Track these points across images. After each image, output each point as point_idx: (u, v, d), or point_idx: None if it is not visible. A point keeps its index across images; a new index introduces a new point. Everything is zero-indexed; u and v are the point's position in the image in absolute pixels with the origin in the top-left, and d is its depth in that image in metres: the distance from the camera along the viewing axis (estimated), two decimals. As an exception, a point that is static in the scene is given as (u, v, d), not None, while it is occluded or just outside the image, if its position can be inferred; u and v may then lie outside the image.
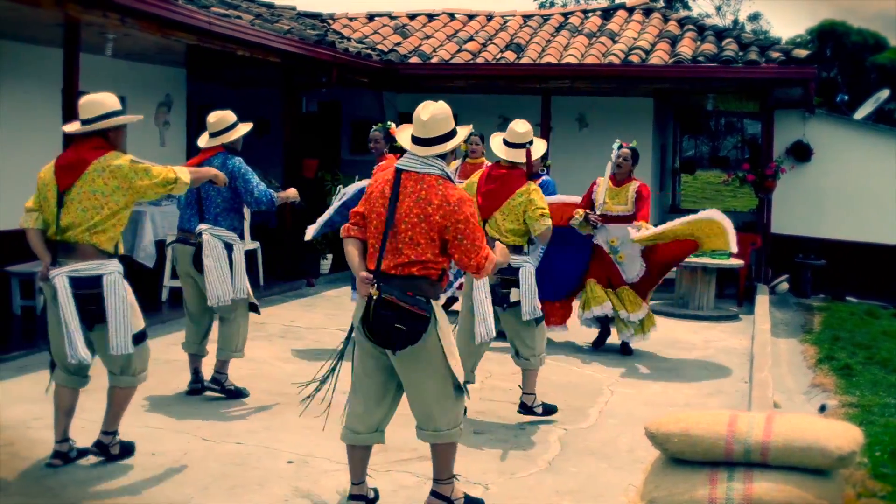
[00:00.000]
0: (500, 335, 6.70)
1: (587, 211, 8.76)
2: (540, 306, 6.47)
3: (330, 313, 10.40)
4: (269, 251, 12.00)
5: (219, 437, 5.90)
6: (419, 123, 4.61)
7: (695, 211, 9.19)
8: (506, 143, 6.50)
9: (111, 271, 5.17)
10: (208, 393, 6.93)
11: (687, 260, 11.44)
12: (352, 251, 4.67)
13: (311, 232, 8.18)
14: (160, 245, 9.80)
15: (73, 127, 5.33)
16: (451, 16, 16.15)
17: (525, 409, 6.58)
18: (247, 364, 7.81)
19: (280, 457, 5.58)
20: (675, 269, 10.29)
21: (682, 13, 18.56)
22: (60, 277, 5.06)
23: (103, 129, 5.24)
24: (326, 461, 5.53)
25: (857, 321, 11.34)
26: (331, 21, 15.84)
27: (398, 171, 4.57)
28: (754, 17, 49.56)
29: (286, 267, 12.19)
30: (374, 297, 4.41)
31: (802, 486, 3.82)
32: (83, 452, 5.42)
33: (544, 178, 9.03)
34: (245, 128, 6.97)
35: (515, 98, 14.54)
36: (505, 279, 6.31)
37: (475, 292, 6.12)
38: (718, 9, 49.74)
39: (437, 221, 4.45)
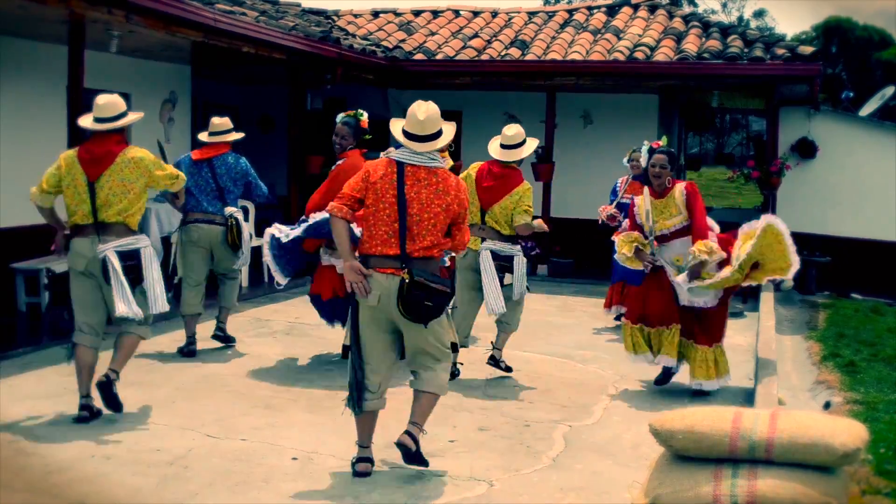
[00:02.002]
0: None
1: (639, 243, 7.30)
2: (527, 288, 7.59)
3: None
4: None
5: (223, 434, 5.91)
6: (416, 122, 5.12)
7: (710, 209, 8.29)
8: (502, 146, 7.37)
9: (146, 245, 6.22)
10: (213, 391, 6.94)
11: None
12: (343, 233, 5.05)
13: (280, 279, 7.91)
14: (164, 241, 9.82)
15: (87, 122, 6.17)
16: (456, 12, 16.13)
17: (494, 361, 7.64)
18: (251, 361, 7.83)
19: (284, 453, 5.59)
20: None
21: (688, 10, 18.57)
22: (111, 252, 6.00)
23: (122, 127, 6.19)
24: (331, 458, 5.53)
25: (861, 318, 11.33)
26: (335, 18, 15.84)
27: (400, 165, 5.06)
28: (759, 14, 49.55)
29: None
30: (407, 279, 4.95)
31: (807, 483, 3.82)
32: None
33: None
34: (238, 135, 8.26)
35: (520, 95, 14.53)
36: (502, 265, 7.31)
37: (484, 275, 7.23)
38: (724, 5, 49.75)
39: (455, 209, 5.13)
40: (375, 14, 16.33)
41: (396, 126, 5.24)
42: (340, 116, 7.68)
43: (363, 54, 12.84)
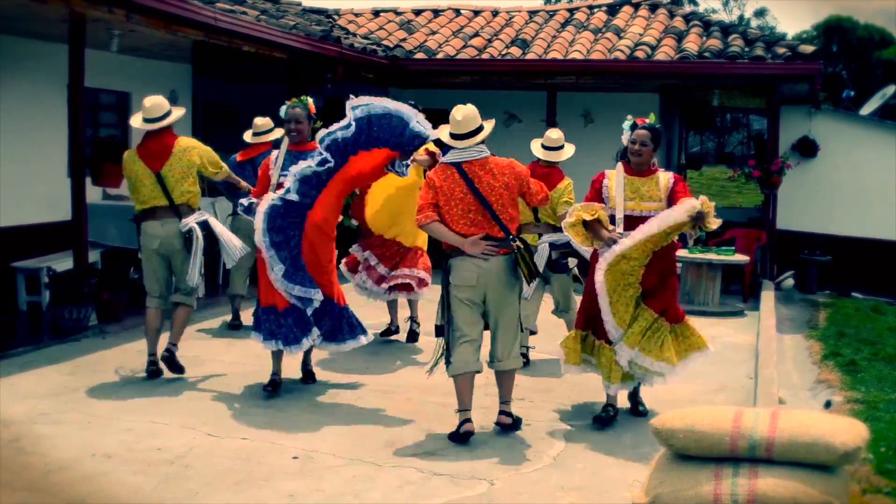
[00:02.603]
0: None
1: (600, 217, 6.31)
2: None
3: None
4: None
5: (224, 433, 5.91)
6: (455, 122, 6.01)
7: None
8: (543, 146, 8.18)
9: (208, 217, 7.39)
10: (214, 389, 6.95)
11: (692, 256, 11.48)
12: (444, 230, 5.93)
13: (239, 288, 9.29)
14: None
15: (137, 122, 7.23)
16: (457, 11, 16.13)
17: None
18: (252, 360, 7.83)
19: (285, 452, 5.59)
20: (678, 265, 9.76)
21: (688, 9, 18.53)
22: (194, 225, 7.18)
23: (169, 124, 7.21)
24: (331, 456, 5.53)
25: (862, 317, 11.33)
26: (336, 17, 15.84)
27: (458, 165, 5.94)
28: (760, 13, 49.48)
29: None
30: (520, 249, 5.94)
31: (807, 482, 3.82)
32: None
33: None
34: (280, 132, 8.60)
35: (521, 94, 14.53)
36: (565, 252, 7.74)
37: (538, 260, 7.55)
38: (725, 4, 49.68)
39: (513, 184, 6.01)
40: (376, 13, 16.33)
41: (444, 132, 6.10)
42: (287, 105, 7.42)
43: (364, 53, 12.84)
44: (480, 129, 6.01)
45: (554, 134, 8.27)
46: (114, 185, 10.39)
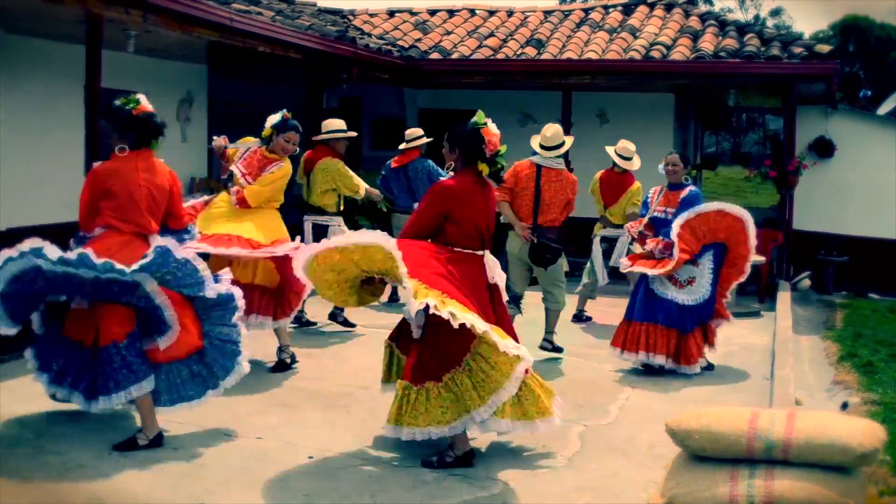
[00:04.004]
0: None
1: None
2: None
3: (349, 308, 10.40)
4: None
5: (239, 433, 5.93)
6: (545, 137, 8.10)
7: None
8: (619, 155, 9.93)
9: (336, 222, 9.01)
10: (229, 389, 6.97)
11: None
12: (510, 211, 8.10)
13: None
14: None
15: (319, 137, 9.21)
16: (472, 11, 16.12)
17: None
18: (267, 360, 7.84)
19: (300, 452, 5.60)
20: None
21: (704, 8, 18.50)
22: (308, 223, 8.94)
23: (326, 140, 9.14)
24: (346, 456, 5.54)
25: (879, 318, 11.27)
26: (351, 17, 15.84)
27: (539, 167, 8.07)
28: (776, 13, 49.40)
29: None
30: (536, 240, 7.98)
31: (824, 484, 3.81)
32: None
33: (690, 188, 8.13)
34: (427, 140, 10.55)
35: (536, 94, 14.51)
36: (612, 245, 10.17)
37: (595, 251, 10.21)
38: (741, 4, 49.56)
39: (568, 195, 8.16)
40: (391, 13, 16.33)
41: (535, 141, 8.16)
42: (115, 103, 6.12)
43: (379, 53, 12.84)
44: (563, 143, 8.07)
45: (630, 145, 9.93)
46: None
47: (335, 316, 9.43)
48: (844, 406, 7.09)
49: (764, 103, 15.43)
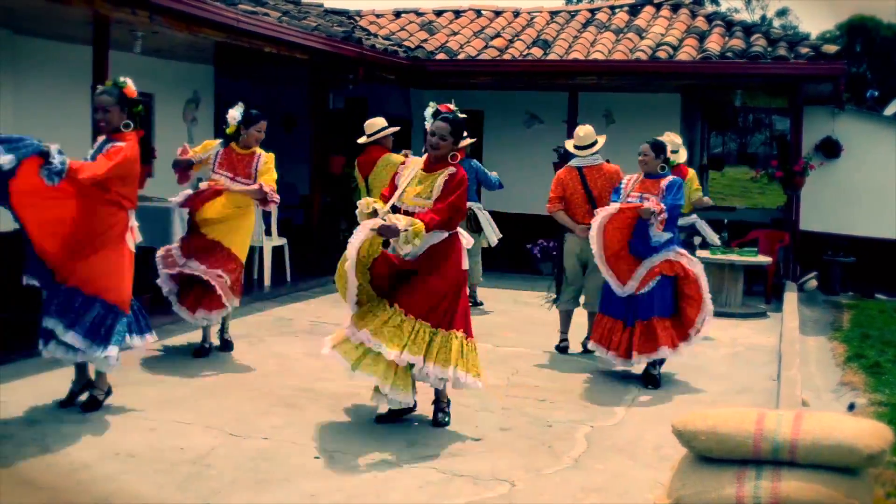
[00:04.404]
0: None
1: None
2: None
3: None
4: (297, 247, 12.04)
5: (246, 433, 5.93)
6: (578, 138, 8.37)
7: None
8: (576, 146, 9.07)
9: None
10: (236, 389, 6.98)
11: (714, 257, 11.42)
12: (565, 217, 8.35)
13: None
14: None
15: (363, 140, 9.49)
16: (478, 12, 16.13)
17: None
18: (274, 360, 7.86)
19: (307, 452, 5.60)
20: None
21: (710, 9, 18.47)
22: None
23: (379, 139, 9.39)
24: (353, 456, 5.54)
25: (886, 319, 11.25)
26: (357, 18, 15.87)
27: (580, 169, 8.31)
28: (782, 13, 49.26)
29: (313, 263, 12.23)
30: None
31: (831, 485, 3.80)
32: None
33: (671, 176, 7.78)
34: (470, 140, 9.78)
35: (542, 94, 14.52)
36: (690, 233, 10.69)
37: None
38: (747, 4, 49.46)
39: (615, 184, 8.03)
40: (397, 14, 16.35)
41: (570, 143, 8.47)
42: (99, 88, 6.47)
43: (385, 54, 12.86)
44: (596, 142, 8.33)
45: (676, 138, 10.01)
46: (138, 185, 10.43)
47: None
48: (851, 407, 7.07)
49: (770, 104, 15.38)
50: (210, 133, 12.60)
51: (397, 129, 9.51)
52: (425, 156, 6.11)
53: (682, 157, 10.19)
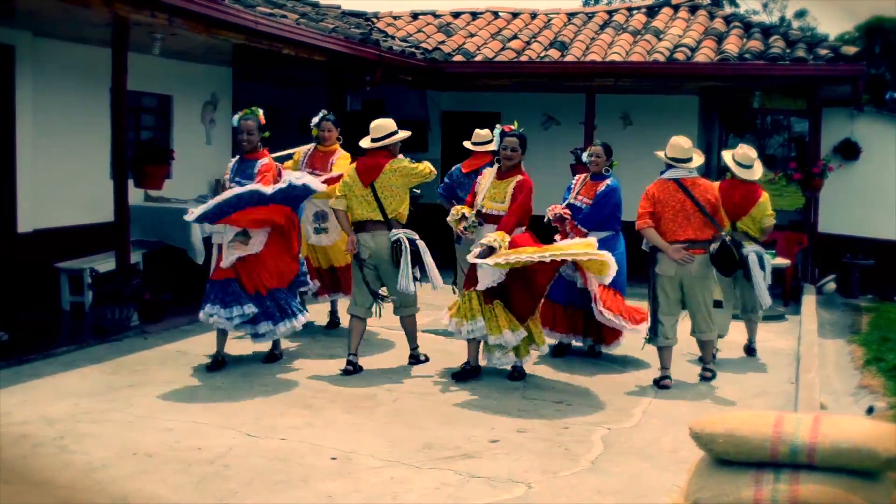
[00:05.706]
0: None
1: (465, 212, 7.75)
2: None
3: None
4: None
5: (263, 433, 5.95)
6: (677, 149, 7.60)
7: None
8: (738, 163, 8.82)
9: (417, 236, 7.64)
10: (253, 390, 7.00)
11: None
12: (656, 236, 7.48)
13: (194, 214, 7.42)
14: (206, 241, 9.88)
15: (367, 143, 7.69)
16: (495, 14, 16.13)
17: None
18: (290, 360, 7.88)
19: (324, 453, 5.62)
20: None
21: (729, 10, 18.42)
22: (403, 237, 7.49)
23: (388, 144, 7.63)
24: (370, 458, 5.55)
25: (905, 322, 11.18)
26: (375, 20, 15.88)
27: (677, 181, 7.53)
28: (801, 14, 49.08)
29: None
30: (732, 241, 7.54)
31: (849, 489, 3.78)
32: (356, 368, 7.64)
33: (608, 181, 8.32)
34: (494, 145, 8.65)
35: (559, 96, 14.50)
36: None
37: (753, 268, 8.60)
38: (765, 5, 49.30)
39: (714, 200, 7.61)
40: (415, 16, 16.35)
41: (663, 154, 7.70)
42: (239, 115, 7.73)
43: (402, 56, 12.87)
44: (692, 158, 7.60)
45: (751, 153, 8.96)
46: (155, 187, 10.48)
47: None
48: (870, 410, 7.03)
49: (789, 105, 15.35)
50: (227, 135, 12.65)
51: (409, 134, 7.92)
52: (495, 166, 7.64)
53: (758, 172, 8.97)
